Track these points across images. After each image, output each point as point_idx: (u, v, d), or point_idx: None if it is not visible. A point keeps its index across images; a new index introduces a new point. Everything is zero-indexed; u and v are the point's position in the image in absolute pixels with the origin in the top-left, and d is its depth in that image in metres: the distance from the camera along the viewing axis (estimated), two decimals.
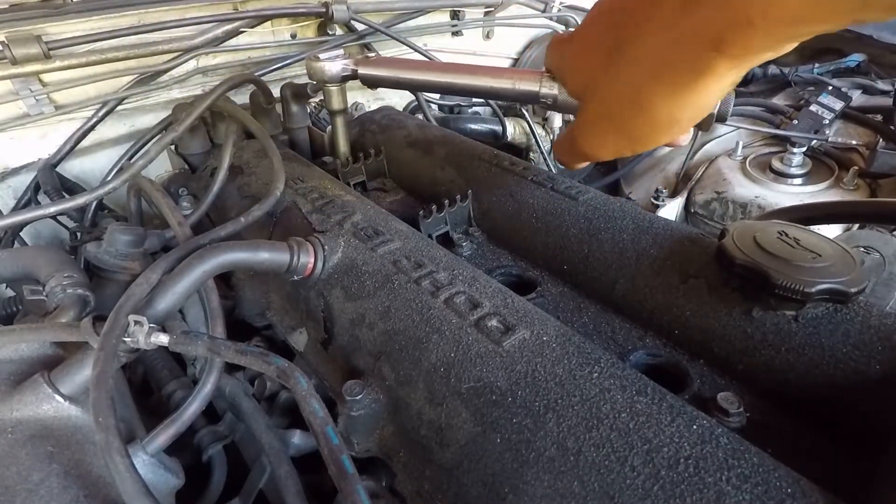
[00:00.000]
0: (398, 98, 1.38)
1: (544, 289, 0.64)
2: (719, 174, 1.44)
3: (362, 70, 0.76)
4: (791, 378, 0.47)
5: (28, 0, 0.87)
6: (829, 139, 1.43)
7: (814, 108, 1.46)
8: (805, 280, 0.45)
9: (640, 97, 0.41)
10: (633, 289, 0.58)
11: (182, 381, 0.58)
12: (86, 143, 0.96)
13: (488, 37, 1.55)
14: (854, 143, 1.42)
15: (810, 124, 1.43)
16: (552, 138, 1.57)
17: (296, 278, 0.57)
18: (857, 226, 1.14)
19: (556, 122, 1.58)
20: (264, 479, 0.50)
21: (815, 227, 0.57)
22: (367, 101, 1.31)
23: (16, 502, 0.38)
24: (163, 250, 0.67)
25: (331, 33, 1.19)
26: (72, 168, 0.99)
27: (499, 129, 1.45)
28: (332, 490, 0.44)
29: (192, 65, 1.02)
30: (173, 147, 0.91)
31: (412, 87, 0.83)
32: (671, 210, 1.41)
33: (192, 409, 0.46)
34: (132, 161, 0.92)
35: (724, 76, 0.37)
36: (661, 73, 0.39)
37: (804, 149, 1.38)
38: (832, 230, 1.16)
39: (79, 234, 0.79)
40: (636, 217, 0.63)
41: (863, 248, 1.09)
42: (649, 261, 0.57)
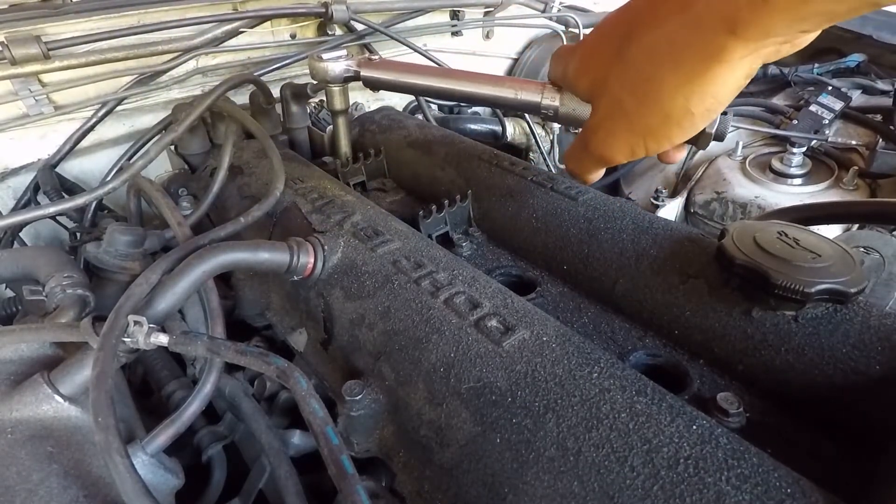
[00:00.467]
0: (398, 98, 1.38)
1: (544, 289, 0.64)
2: (719, 174, 1.44)
3: (365, 72, 0.76)
4: (791, 378, 0.47)
5: (28, 0, 0.87)
6: (829, 139, 1.43)
7: (814, 108, 1.46)
8: (805, 280, 0.45)
9: (652, 87, 0.40)
10: (633, 289, 0.58)
11: (182, 382, 0.58)
12: (85, 143, 0.96)
13: (488, 37, 1.55)
14: (854, 143, 1.42)
15: (810, 124, 1.43)
16: (552, 138, 1.56)
17: (296, 278, 0.57)
18: (857, 226, 1.14)
19: (556, 123, 1.58)
20: (264, 479, 0.50)
21: (815, 227, 0.57)
22: (367, 101, 1.31)
23: (16, 502, 0.38)
24: (163, 250, 0.67)
25: (330, 33, 1.19)
26: (71, 168, 0.99)
27: (498, 129, 1.45)
28: (332, 490, 0.44)
29: (191, 65, 1.02)
30: (173, 147, 0.91)
31: (414, 92, 0.83)
32: (671, 210, 1.41)
33: (192, 409, 0.46)
34: (132, 161, 0.92)
35: (738, 64, 0.36)
36: (674, 59, 0.38)
37: (804, 149, 1.38)
38: (832, 230, 1.16)
39: (78, 235, 0.79)
40: (636, 217, 0.63)
41: (863, 249, 1.09)
42: (649, 261, 0.57)
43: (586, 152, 0.51)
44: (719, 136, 0.49)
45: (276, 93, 0.95)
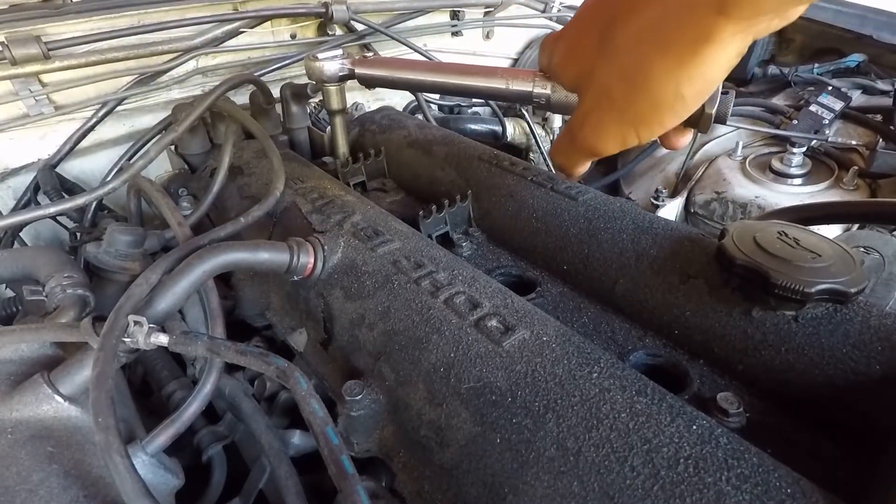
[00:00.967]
0: (398, 98, 1.38)
1: (544, 289, 0.64)
2: (719, 174, 1.44)
3: (359, 70, 0.76)
4: (791, 378, 0.47)
5: (28, 0, 0.87)
6: (829, 139, 1.42)
7: (814, 108, 1.46)
8: (805, 280, 0.45)
9: (640, 73, 0.39)
10: (633, 289, 0.57)
11: (182, 382, 0.58)
12: (85, 143, 0.96)
13: (488, 37, 1.55)
14: (854, 143, 1.42)
15: (810, 124, 1.43)
16: (552, 138, 1.56)
17: (296, 278, 0.57)
18: (857, 226, 1.14)
19: (556, 123, 1.58)
20: (264, 479, 0.50)
21: (815, 227, 0.57)
22: (367, 101, 1.31)
23: (16, 503, 0.38)
24: (163, 250, 0.67)
25: (330, 33, 1.19)
26: (71, 168, 0.99)
27: (499, 129, 1.45)
28: (332, 490, 0.44)
29: (191, 65, 1.02)
30: (173, 147, 0.91)
31: (408, 87, 0.83)
32: (671, 210, 1.41)
33: (192, 409, 0.46)
34: (132, 161, 0.92)
35: (729, 43, 0.35)
36: (662, 43, 0.37)
37: (804, 149, 1.38)
38: (832, 230, 1.16)
39: (79, 235, 0.79)
40: (636, 217, 0.63)
41: (863, 248, 1.08)
42: (649, 261, 0.57)
43: (574, 146, 0.49)
44: (721, 118, 0.46)
45: (276, 93, 0.95)
